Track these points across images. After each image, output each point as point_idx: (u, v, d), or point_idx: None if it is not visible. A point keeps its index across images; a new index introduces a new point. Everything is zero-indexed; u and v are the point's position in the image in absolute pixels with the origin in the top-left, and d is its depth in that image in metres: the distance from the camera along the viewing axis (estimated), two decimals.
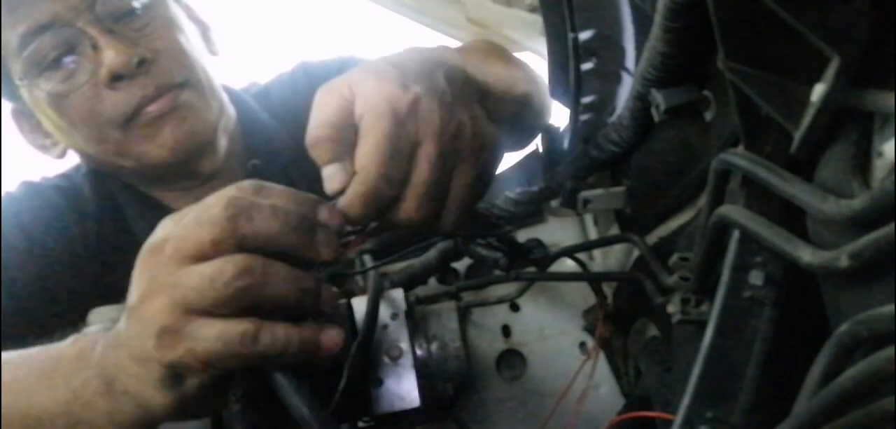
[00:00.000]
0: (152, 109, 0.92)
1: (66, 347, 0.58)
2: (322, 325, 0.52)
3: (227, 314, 0.49)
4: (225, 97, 1.05)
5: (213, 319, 0.49)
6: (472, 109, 0.58)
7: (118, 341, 0.54)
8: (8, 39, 0.91)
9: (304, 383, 0.52)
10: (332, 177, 0.54)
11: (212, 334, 0.48)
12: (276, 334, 0.49)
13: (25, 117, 1.02)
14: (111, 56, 0.89)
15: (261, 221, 0.49)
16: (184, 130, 0.95)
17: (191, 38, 1.00)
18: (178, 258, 0.49)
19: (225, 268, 0.48)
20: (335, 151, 0.54)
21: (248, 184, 0.52)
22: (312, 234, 0.51)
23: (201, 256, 0.49)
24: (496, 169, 0.62)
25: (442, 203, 0.56)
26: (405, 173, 0.54)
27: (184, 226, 0.50)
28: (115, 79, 0.90)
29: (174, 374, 0.51)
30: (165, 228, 0.52)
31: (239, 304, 0.48)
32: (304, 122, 0.57)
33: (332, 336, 0.52)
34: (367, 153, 0.52)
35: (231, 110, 1.07)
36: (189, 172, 1.00)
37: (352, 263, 0.77)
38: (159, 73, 0.93)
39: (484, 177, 0.59)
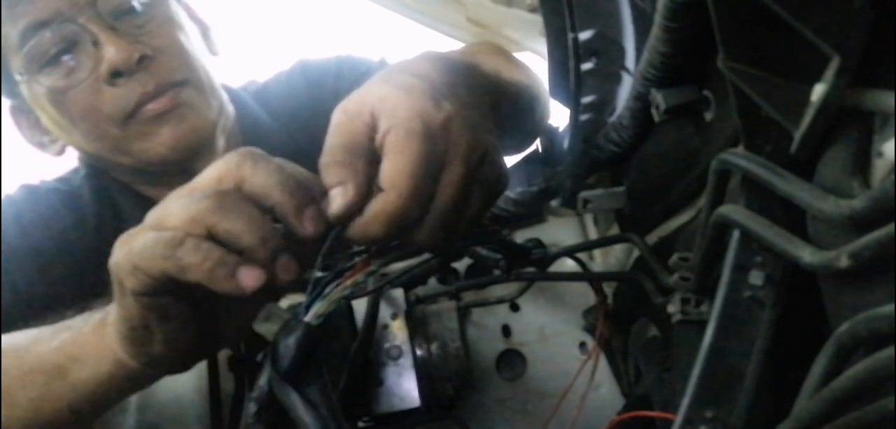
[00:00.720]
0: (152, 106, 0.93)
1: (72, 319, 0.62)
2: (244, 261, 0.49)
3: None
4: (224, 96, 1.05)
5: (160, 231, 0.48)
6: (492, 131, 0.56)
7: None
8: (8, 34, 0.91)
9: (319, 395, 0.51)
10: (335, 197, 0.51)
11: (148, 241, 0.48)
12: (200, 247, 0.47)
13: (24, 114, 1.01)
14: (112, 52, 0.89)
15: (262, 171, 0.49)
16: (183, 128, 0.95)
17: (191, 37, 1.00)
18: (184, 189, 0.50)
19: (206, 191, 0.48)
20: (345, 175, 0.51)
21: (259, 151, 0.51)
22: (304, 204, 0.49)
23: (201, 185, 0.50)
24: (499, 196, 0.60)
25: (454, 226, 0.54)
26: (432, 194, 0.51)
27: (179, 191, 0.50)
28: (116, 75, 0.90)
29: (117, 283, 0.51)
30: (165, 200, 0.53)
31: (198, 223, 0.48)
32: (303, 121, 0.57)
33: (252, 274, 0.48)
34: (400, 171, 0.50)
35: (230, 109, 1.07)
36: (187, 171, 1.00)
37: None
38: (159, 71, 0.93)
39: (490, 203, 0.57)
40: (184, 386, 0.87)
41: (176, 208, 0.49)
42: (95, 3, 0.90)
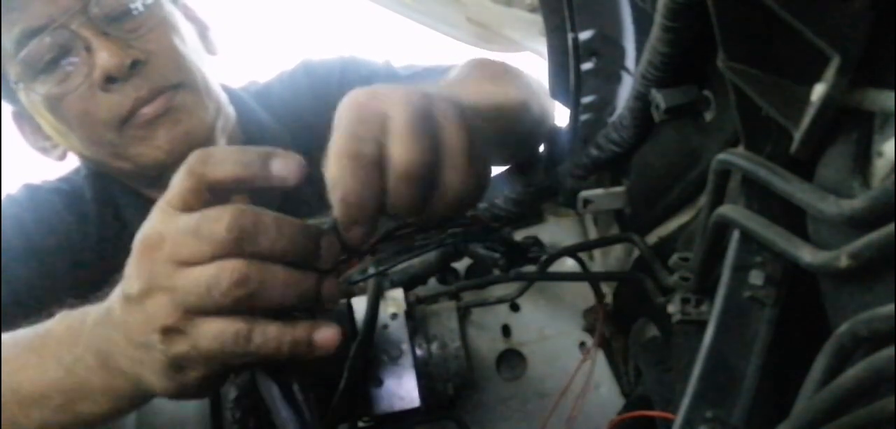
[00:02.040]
0: (146, 111, 0.92)
1: (54, 324, 0.60)
2: (317, 323, 0.52)
3: (225, 314, 0.50)
4: (224, 97, 1.05)
5: (212, 319, 0.50)
6: (444, 100, 0.58)
7: (112, 321, 0.54)
8: (4, 42, 0.91)
9: (299, 392, 0.52)
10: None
11: (210, 334, 0.50)
12: (268, 333, 0.50)
13: (26, 120, 1.02)
14: (104, 58, 0.89)
15: (265, 240, 0.49)
16: (179, 131, 0.94)
17: (187, 39, 1.00)
18: (177, 261, 0.50)
19: (221, 276, 0.48)
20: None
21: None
22: (316, 246, 0.52)
23: (199, 262, 0.49)
24: (488, 160, 0.61)
25: (429, 191, 0.56)
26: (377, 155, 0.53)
27: (182, 231, 0.50)
28: (109, 81, 0.90)
29: (177, 365, 0.53)
30: (161, 223, 0.52)
31: (236, 308, 0.49)
32: (306, 122, 0.57)
33: (325, 335, 0.52)
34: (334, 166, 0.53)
35: (230, 110, 1.07)
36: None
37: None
38: (153, 75, 0.93)
39: (474, 164, 0.57)
40: None
41: (202, 289, 0.49)
42: (88, 9, 0.89)
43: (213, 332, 0.50)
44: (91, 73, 0.90)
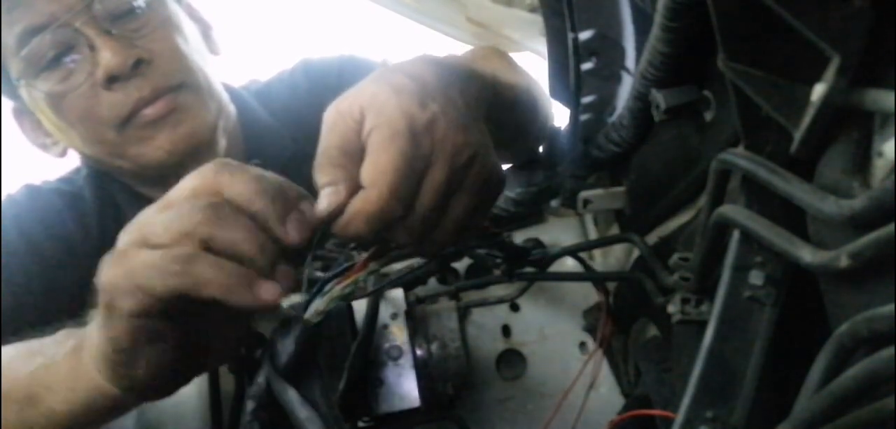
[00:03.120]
0: (148, 111, 0.92)
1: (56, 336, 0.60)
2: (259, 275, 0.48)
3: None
4: (225, 96, 1.05)
5: (158, 249, 0.47)
6: (483, 134, 0.56)
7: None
8: (6, 39, 0.91)
9: (321, 395, 0.51)
10: (327, 196, 0.51)
11: (149, 260, 0.47)
12: (216, 263, 0.46)
13: (26, 116, 1.02)
14: (107, 57, 0.89)
15: (241, 180, 0.48)
16: (181, 132, 0.94)
17: (189, 38, 1.00)
18: (160, 205, 0.49)
19: (193, 203, 0.47)
20: (338, 176, 0.51)
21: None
22: (286, 210, 0.49)
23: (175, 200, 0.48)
24: (494, 201, 0.59)
25: (435, 227, 0.54)
26: (415, 195, 0.51)
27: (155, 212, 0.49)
28: (111, 80, 0.90)
29: (109, 305, 0.49)
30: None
31: (192, 237, 0.46)
32: (305, 121, 0.56)
33: (269, 288, 0.47)
34: (382, 171, 0.49)
35: (231, 109, 1.07)
36: (187, 173, 1.00)
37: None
38: (156, 75, 0.93)
39: (481, 208, 0.56)
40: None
41: (162, 223, 0.47)
42: (91, 7, 0.89)
43: (154, 257, 0.46)
44: (94, 71, 0.90)
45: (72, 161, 1.08)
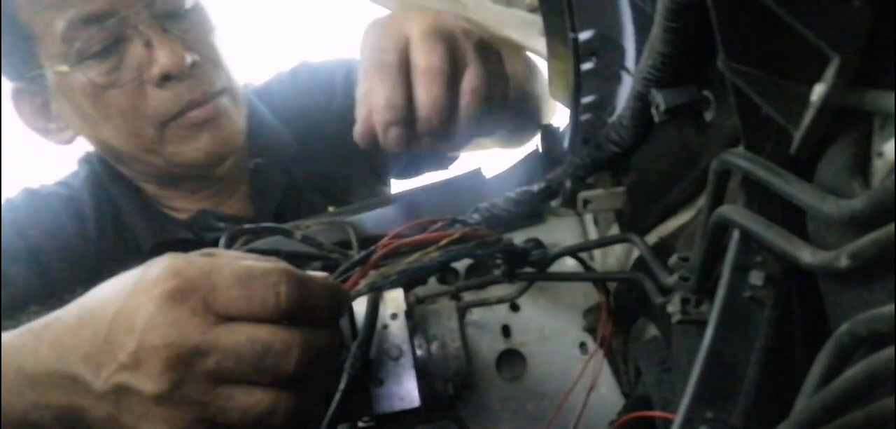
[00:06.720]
0: (196, 114, 0.93)
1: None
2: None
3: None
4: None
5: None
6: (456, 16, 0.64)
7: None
8: (50, 21, 0.90)
9: None
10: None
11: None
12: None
13: (28, 98, 1.01)
14: (164, 55, 0.89)
15: (313, 289, 0.50)
16: (219, 137, 0.96)
17: (224, 41, 1.01)
18: (216, 313, 0.49)
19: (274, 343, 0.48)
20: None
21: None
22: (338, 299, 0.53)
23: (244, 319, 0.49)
24: (500, 73, 0.68)
25: (453, 107, 0.63)
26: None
27: (225, 277, 0.48)
28: (166, 79, 0.90)
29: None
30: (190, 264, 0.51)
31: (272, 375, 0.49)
32: (307, 121, 0.58)
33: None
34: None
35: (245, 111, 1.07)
36: (207, 176, 1.01)
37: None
38: (205, 79, 0.94)
39: (492, 76, 0.67)
40: None
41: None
42: (152, 5, 0.89)
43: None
44: (147, 68, 0.90)
45: (72, 150, 1.08)
